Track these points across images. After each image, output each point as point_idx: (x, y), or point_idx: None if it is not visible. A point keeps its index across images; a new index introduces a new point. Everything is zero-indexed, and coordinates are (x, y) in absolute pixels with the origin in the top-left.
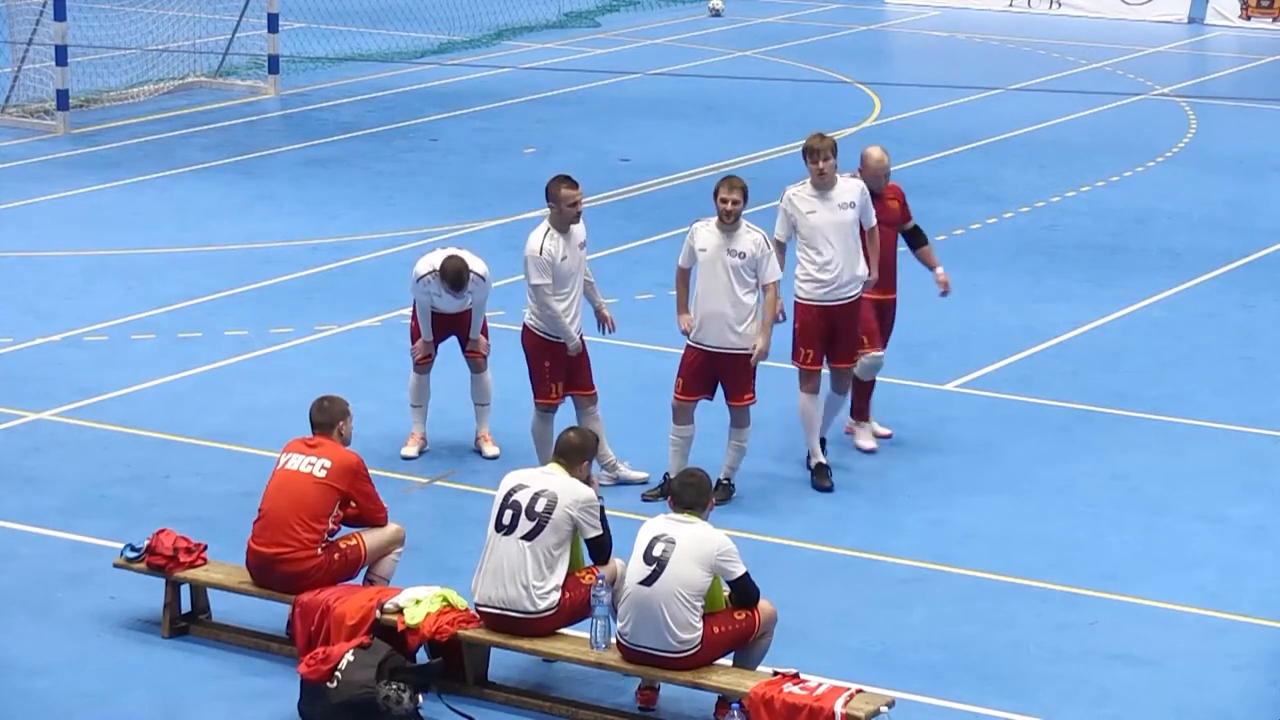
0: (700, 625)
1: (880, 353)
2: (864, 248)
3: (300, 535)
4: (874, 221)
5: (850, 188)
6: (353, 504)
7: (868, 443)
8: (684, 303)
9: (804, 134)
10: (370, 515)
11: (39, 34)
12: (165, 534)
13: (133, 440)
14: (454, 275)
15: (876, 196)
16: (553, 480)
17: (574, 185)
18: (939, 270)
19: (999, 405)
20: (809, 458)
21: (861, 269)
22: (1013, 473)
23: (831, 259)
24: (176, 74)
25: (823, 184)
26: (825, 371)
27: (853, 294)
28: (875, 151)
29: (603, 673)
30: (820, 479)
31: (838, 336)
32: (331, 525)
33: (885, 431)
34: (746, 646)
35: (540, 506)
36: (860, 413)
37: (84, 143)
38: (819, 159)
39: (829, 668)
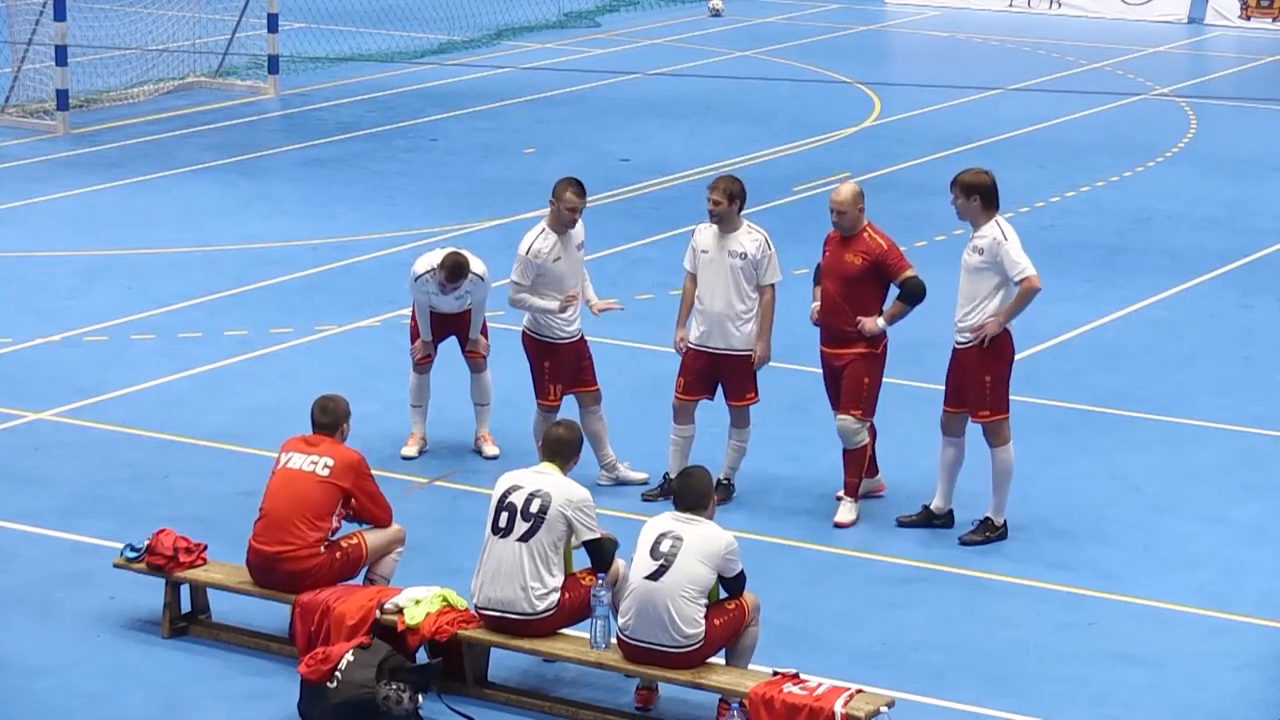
0: (703, 621)
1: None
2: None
3: (303, 534)
4: (1014, 274)
5: (985, 232)
6: (353, 501)
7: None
8: (684, 315)
9: (804, 134)
10: (372, 515)
11: (39, 34)
12: (165, 534)
13: (133, 440)
14: (452, 267)
15: (847, 244)
16: (547, 480)
17: (580, 193)
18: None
19: None
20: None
21: (975, 318)
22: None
23: (961, 299)
24: (176, 74)
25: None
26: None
27: (961, 340)
28: (840, 186)
29: (603, 673)
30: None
31: (956, 379)
32: (334, 524)
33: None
34: (738, 637)
35: (535, 507)
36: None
37: (84, 143)
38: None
39: (829, 668)
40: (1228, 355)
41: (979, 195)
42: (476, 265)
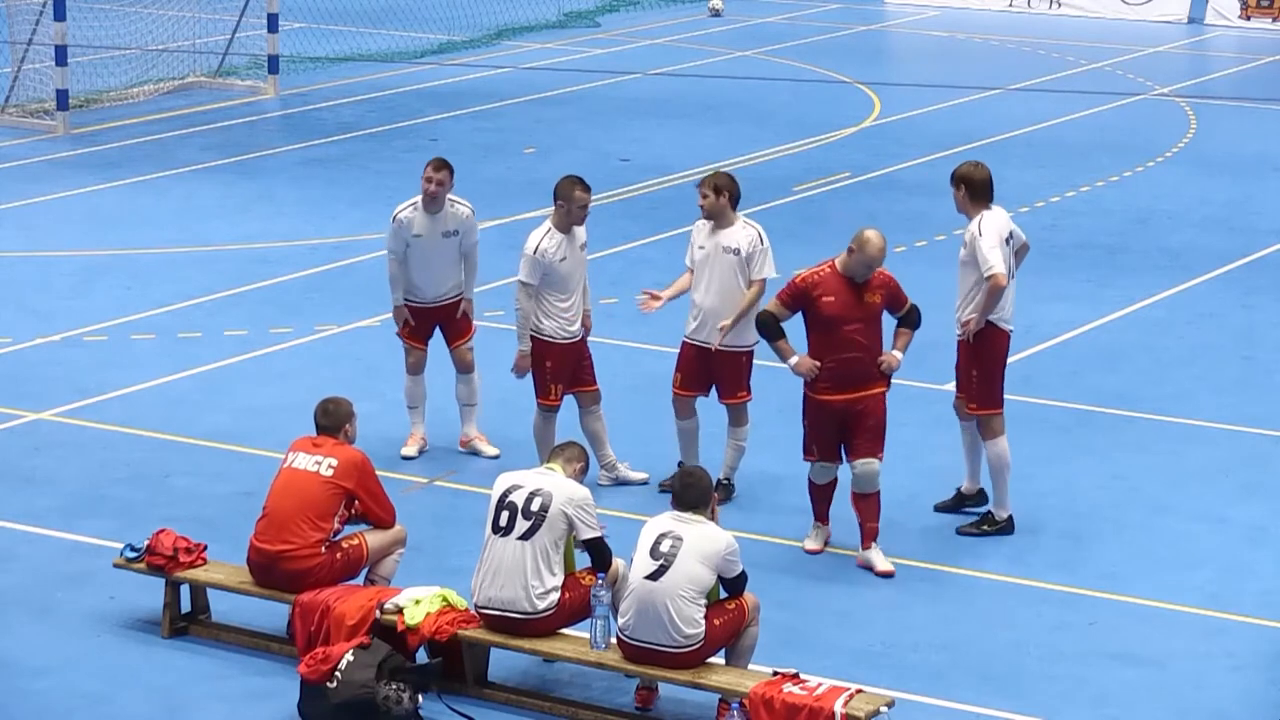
0: (703, 621)
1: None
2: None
3: (306, 533)
4: (983, 269)
5: (970, 226)
6: (357, 503)
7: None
8: (670, 291)
9: (804, 134)
10: (376, 515)
11: (39, 34)
12: (165, 534)
13: (133, 440)
14: (438, 159)
15: (864, 286)
16: (548, 479)
17: (586, 189)
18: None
19: None
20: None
21: (961, 311)
22: (1013, 473)
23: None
24: (176, 74)
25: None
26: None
27: (958, 331)
28: (877, 239)
29: (603, 673)
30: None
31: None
32: (337, 524)
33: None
34: (737, 638)
35: (536, 505)
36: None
37: (84, 143)
38: None
39: (829, 668)
40: (1228, 355)
41: (965, 186)
42: (465, 202)
